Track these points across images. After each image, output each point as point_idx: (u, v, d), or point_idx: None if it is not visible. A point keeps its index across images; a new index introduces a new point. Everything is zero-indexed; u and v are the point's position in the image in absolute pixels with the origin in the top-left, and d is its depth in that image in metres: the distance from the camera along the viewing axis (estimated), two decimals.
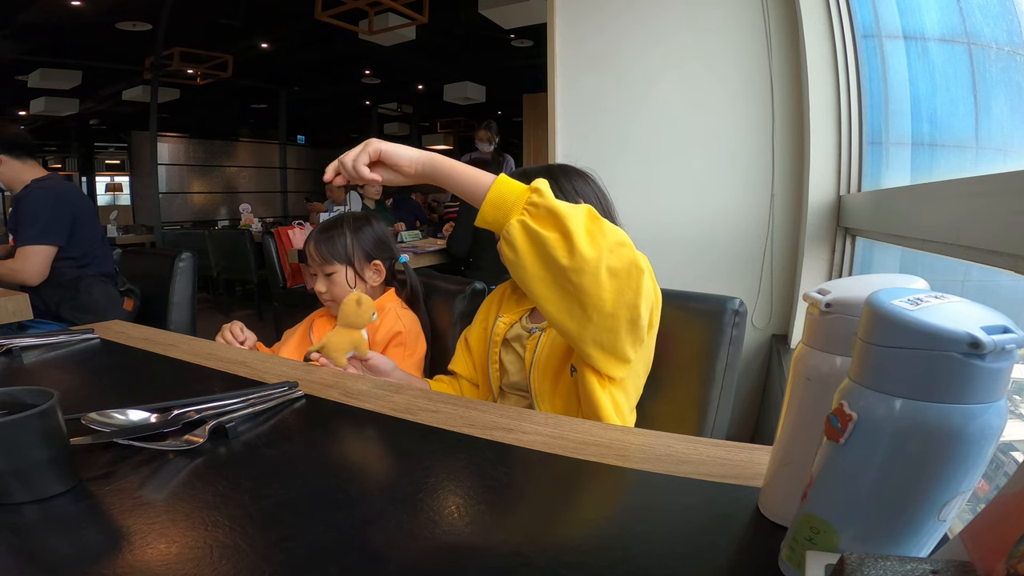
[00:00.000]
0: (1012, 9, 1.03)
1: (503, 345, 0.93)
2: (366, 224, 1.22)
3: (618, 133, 1.81)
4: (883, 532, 0.33)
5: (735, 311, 0.93)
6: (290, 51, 6.26)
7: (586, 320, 0.68)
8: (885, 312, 0.31)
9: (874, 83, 1.44)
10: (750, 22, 1.62)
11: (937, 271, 1.06)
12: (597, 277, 0.64)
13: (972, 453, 0.30)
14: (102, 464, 0.54)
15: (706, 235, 1.72)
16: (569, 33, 1.86)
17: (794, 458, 0.43)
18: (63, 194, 1.86)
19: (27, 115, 7.36)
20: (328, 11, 3.96)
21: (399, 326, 1.13)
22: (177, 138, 8.14)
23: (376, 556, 0.41)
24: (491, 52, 6.29)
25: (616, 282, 0.66)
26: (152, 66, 5.57)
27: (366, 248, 1.20)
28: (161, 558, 0.40)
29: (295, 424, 0.67)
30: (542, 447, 0.59)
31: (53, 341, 1.01)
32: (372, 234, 1.21)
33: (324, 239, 1.17)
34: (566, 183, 0.88)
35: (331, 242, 1.17)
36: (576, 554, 0.41)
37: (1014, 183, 0.65)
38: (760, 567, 0.40)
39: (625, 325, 0.69)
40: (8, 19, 4.67)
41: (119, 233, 5.85)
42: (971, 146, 1.16)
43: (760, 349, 1.73)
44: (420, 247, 3.31)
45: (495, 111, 9.07)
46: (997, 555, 0.25)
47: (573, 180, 0.89)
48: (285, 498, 0.48)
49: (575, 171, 0.92)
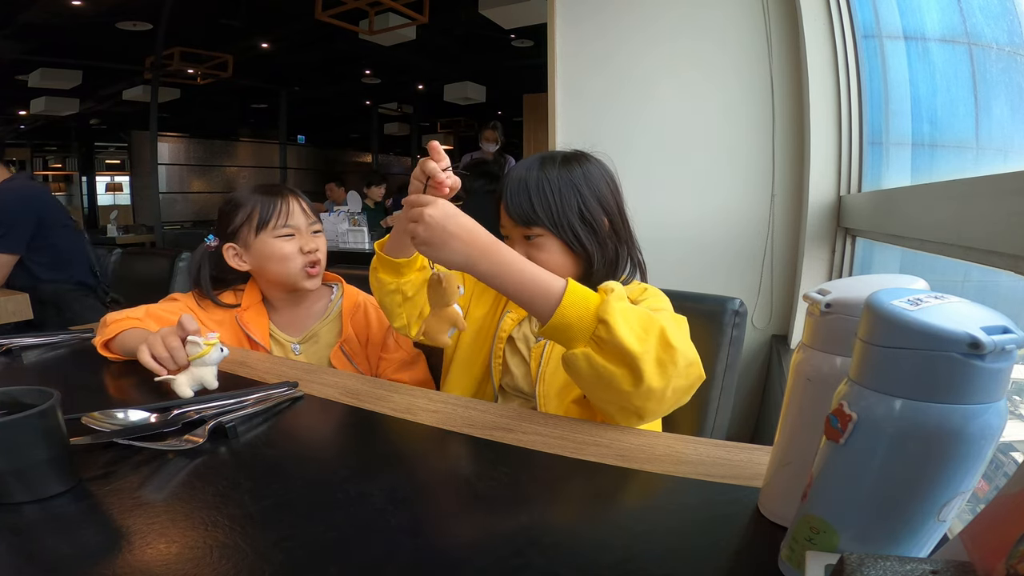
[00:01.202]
0: (1012, 9, 1.03)
1: (507, 343, 0.91)
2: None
3: (618, 133, 1.81)
4: (883, 532, 0.33)
5: (735, 311, 0.93)
6: (290, 51, 6.26)
7: (635, 419, 0.66)
8: (885, 312, 0.31)
9: (874, 83, 1.44)
10: (750, 22, 1.62)
11: (937, 271, 1.06)
12: (662, 400, 0.62)
13: (972, 453, 0.30)
14: (102, 464, 0.54)
15: (706, 235, 1.72)
16: (569, 33, 1.86)
17: (794, 458, 0.43)
18: (28, 198, 1.81)
19: (27, 115, 7.36)
20: (328, 11, 3.96)
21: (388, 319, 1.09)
22: (177, 138, 8.14)
23: (376, 556, 0.41)
24: (491, 52, 6.28)
25: (677, 396, 0.63)
26: (152, 66, 5.57)
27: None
28: (161, 558, 0.40)
29: (295, 424, 0.67)
30: (542, 447, 0.59)
31: (53, 341, 1.01)
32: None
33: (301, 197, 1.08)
34: (589, 191, 0.83)
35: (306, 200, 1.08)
36: (576, 554, 0.41)
37: (1014, 183, 0.65)
38: (760, 567, 0.40)
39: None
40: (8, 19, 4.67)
41: (119, 233, 5.84)
42: (971, 146, 1.16)
43: (760, 349, 1.73)
44: None
45: (495, 111, 9.06)
46: (997, 555, 0.25)
47: (596, 184, 0.84)
48: (285, 498, 0.48)
49: (599, 169, 0.87)
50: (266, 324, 1.06)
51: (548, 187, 0.81)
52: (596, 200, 0.83)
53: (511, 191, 0.83)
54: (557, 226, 0.80)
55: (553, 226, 0.80)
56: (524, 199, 0.81)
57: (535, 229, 0.81)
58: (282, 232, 1.02)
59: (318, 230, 1.07)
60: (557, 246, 0.82)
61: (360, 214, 3.89)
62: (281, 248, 1.01)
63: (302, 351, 1.06)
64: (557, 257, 0.82)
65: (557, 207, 0.80)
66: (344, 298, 1.11)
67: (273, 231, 1.01)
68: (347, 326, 1.06)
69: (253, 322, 1.05)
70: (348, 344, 1.05)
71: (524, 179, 0.82)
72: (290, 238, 1.02)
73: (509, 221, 0.84)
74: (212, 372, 0.76)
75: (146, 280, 1.96)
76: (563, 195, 0.80)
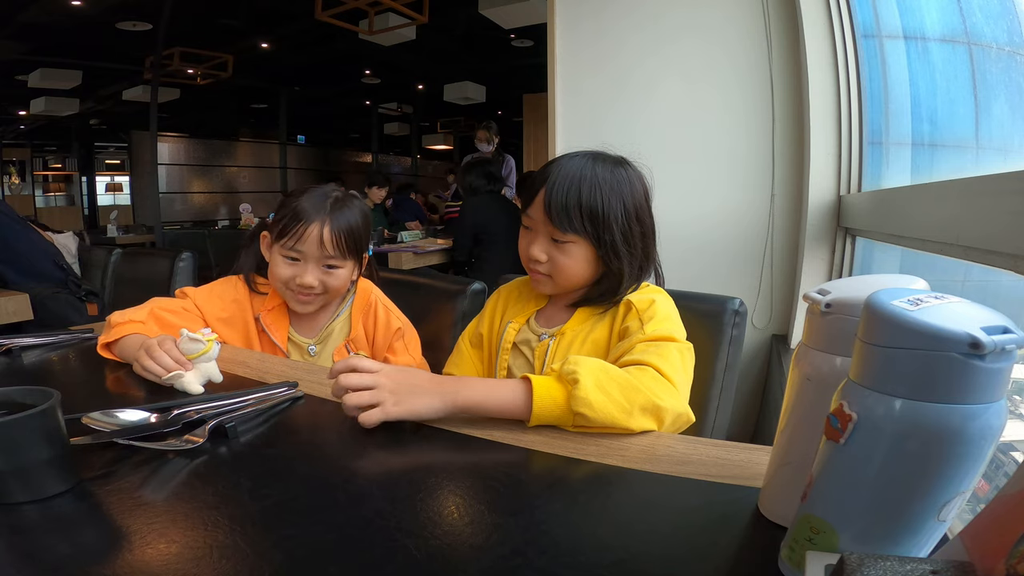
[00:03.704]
0: (1012, 9, 1.03)
1: (512, 350, 0.92)
2: (361, 202, 1.06)
3: (618, 134, 1.81)
4: (883, 532, 0.33)
5: (735, 311, 0.93)
6: (290, 51, 6.26)
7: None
8: (885, 312, 0.31)
9: (874, 83, 1.44)
10: (750, 22, 1.62)
11: (937, 271, 1.06)
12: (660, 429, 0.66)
13: (972, 453, 0.30)
14: (102, 464, 0.54)
15: (706, 235, 1.72)
16: (569, 33, 1.86)
17: (794, 458, 0.43)
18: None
19: (27, 115, 7.36)
20: (328, 11, 3.96)
21: (397, 322, 1.08)
22: (177, 138, 8.14)
23: (376, 556, 0.41)
24: (491, 52, 6.29)
25: (676, 426, 0.68)
26: (152, 66, 5.57)
27: (366, 235, 1.04)
28: (161, 558, 0.40)
29: (295, 424, 0.67)
30: (542, 447, 0.59)
31: (53, 341, 1.01)
32: (368, 215, 1.07)
33: (343, 225, 0.98)
34: (631, 206, 0.80)
35: (349, 229, 0.98)
36: (576, 554, 0.41)
37: (1014, 183, 0.65)
38: (760, 567, 0.40)
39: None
40: (8, 19, 4.67)
41: (119, 233, 5.83)
42: (971, 146, 1.16)
43: (760, 349, 1.73)
44: (420, 247, 3.31)
45: (495, 111, 9.06)
46: (997, 555, 0.25)
47: (638, 199, 0.81)
48: (285, 498, 0.48)
49: (639, 181, 0.83)
50: (286, 328, 1.04)
51: (600, 196, 0.77)
52: (635, 213, 0.80)
53: (558, 189, 0.77)
54: (599, 240, 0.78)
55: (595, 240, 0.78)
56: (573, 204, 0.77)
57: (569, 236, 0.79)
58: (288, 252, 0.97)
59: (334, 265, 0.98)
60: (586, 255, 0.80)
61: None
62: (280, 267, 0.98)
63: (318, 351, 1.06)
64: (582, 265, 0.81)
65: (602, 220, 0.77)
66: (357, 296, 1.09)
67: (282, 247, 0.98)
68: (357, 325, 1.05)
69: (275, 324, 1.03)
70: (355, 343, 1.05)
71: (577, 181, 0.78)
72: (293, 262, 0.97)
73: (544, 217, 0.79)
74: (215, 366, 0.79)
75: (146, 280, 1.96)
76: (611, 206, 0.78)
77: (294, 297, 1.00)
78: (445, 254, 3.30)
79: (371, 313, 1.08)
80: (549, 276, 0.83)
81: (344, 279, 1.01)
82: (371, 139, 10.19)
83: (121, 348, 0.88)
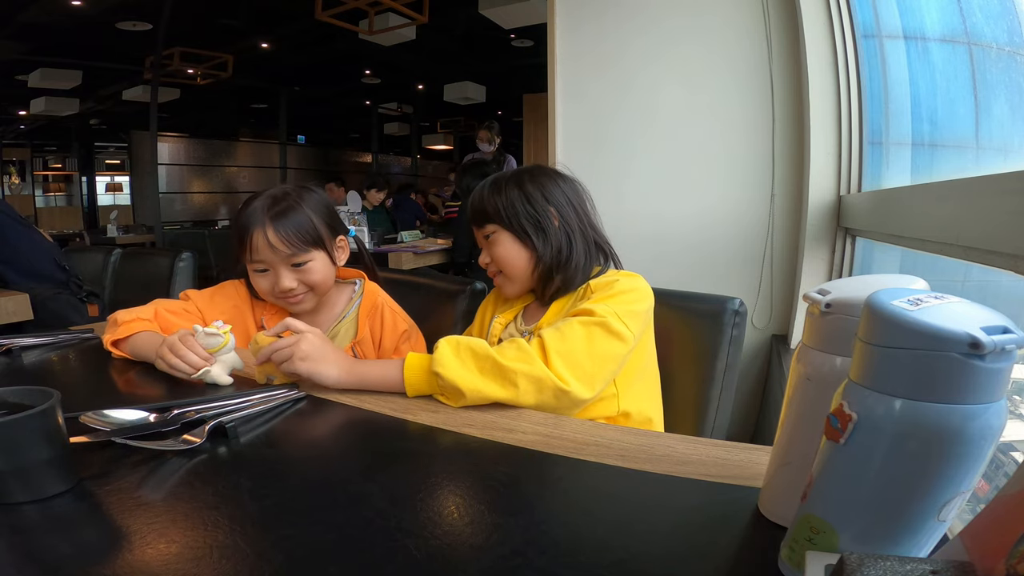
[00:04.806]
0: (1012, 9, 1.03)
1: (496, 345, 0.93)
2: (310, 192, 1.00)
3: (618, 134, 1.81)
4: (883, 532, 0.33)
5: (735, 311, 0.93)
6: (290, 51, 6.26)
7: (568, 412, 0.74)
8: (885, 312, 0.31)
9: (874, 83, 1.44)
10: (750, 23, 1.62)
11: (937, 271, 1.06)
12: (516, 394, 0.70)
13: (972, 453, 0.30)
14: (102, 464, 0.54)
15: (706, 235, 1.72)
16: (569, 33, 1.86)
17: (794, 458, 0.43)
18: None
19: (27, 115, 7.36)
20: (328, 11, 3.97)
21: (403, 324, 1.07)
22: (177, 138, 8.14)
23: (376, 556, 0.41)
24: (491, 52, 6.29)
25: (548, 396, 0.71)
26: (152, 66, 5.57)
27: (327, 221, 0.99)
28: (161, 558, 0.40)
29: (295, 424, 0.67)
30: (542, 447, 0.59)
31: (53, 341, 1.01)
32: (324, 203, 1.00)
33: (283, 221, 0.92)
34: (533, 189, 0.89)
35: (294, 223, 0.93)
36: (576, 554, 0.41)
37: (1014, 183, 0.65)
38: (760, 567, 0.40)
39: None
40: (8, 19, 4.67)
41: (119, 233, 5.84)
42: (971, 146, 1.16)
43: (760, 349, 1.73)
44: (420, 247, 3.31)
45: (495, 111, 9.06)
46: (997, 555, 0.25)
47: (543, 184, 0.91)
48: (285, 498, 0.48)
49: (549, 175, 0.93)
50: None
51: (496, 189, 0.91)
52: (542, 196, 0.90)
53: (473, 197, 0.94)
54: (505, 218, 0.89)
55: (501, 219, 0.89)
56: (478, 204, 0.92)
57: (488, 227, 0.91)
58: (255, 265, 0.95)
59: (299, 262, 0.94)
60: (508, 238, 0.90)
61: (360, 214, 3.89)
62: (257, 281, 0.97)
63: None
64: (511, 249, 0.90)
65: (504, 203, 0.89)
66: (364, 297, 1.08)
67: (249, 262, 0.95)
68: (363, 327, 1.05)
69: None
70: (361, 346, 1.04)
71: (480, 191, 0.93)
72: (264, 273, 0.95)
73: (473, 230, 0.95)
74: (236, 355, 0.83)
75: (146, 280, 1.96)
76: (509, 193, 0.90)
77: (284, 302, 0.99)
78: (445, 254, 3.30)
79: (378, 315, 1.07)
80: (501, 273, 0.93)
81: (321, 271, 0.97)
82: (371, 139, 10.19)
83: (133, 345, 0.89)
